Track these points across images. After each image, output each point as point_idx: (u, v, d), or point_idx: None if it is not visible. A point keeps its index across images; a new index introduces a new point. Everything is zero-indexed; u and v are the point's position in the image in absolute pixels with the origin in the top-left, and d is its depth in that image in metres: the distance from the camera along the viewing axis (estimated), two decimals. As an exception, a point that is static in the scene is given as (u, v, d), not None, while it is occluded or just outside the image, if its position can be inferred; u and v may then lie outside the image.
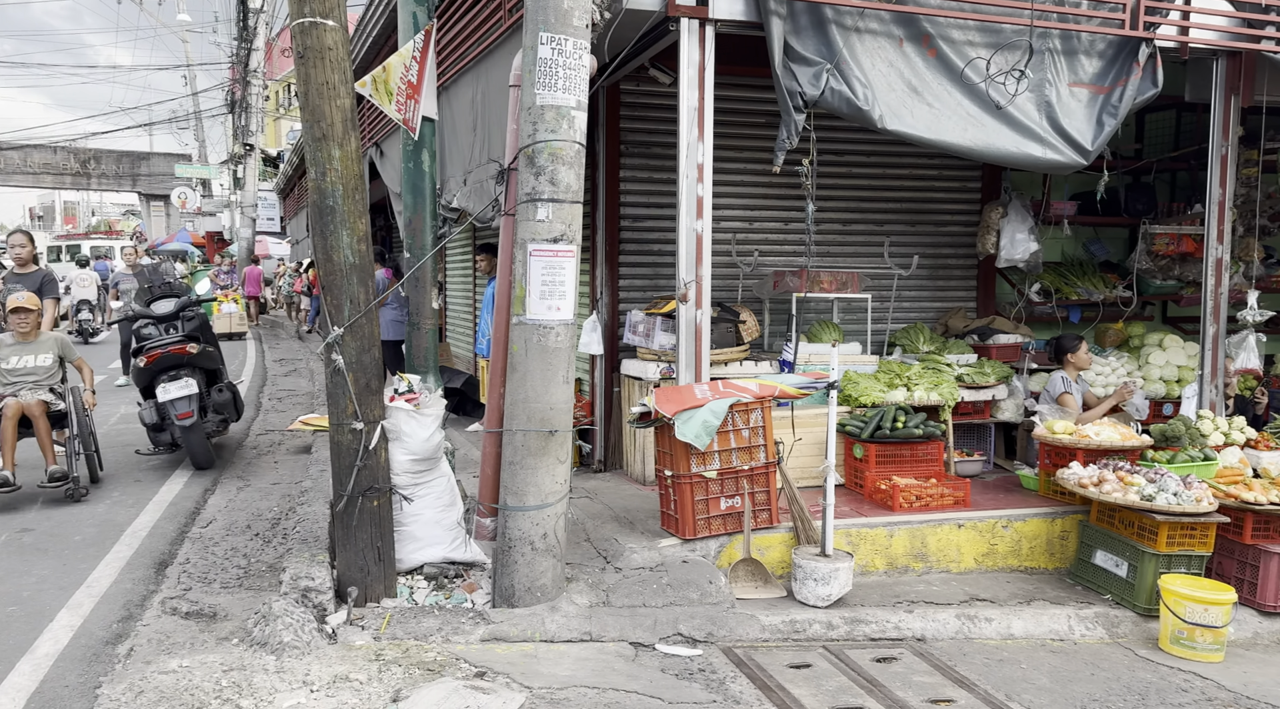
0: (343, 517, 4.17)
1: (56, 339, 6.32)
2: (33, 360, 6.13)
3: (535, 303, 4.10)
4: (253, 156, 24.24)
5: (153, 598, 4.21)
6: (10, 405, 5.80)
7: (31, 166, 42.51)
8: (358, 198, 4.14)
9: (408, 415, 4.35)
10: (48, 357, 6.18)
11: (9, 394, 5.95)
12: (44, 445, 5.86)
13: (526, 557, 4.15)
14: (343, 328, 4.10)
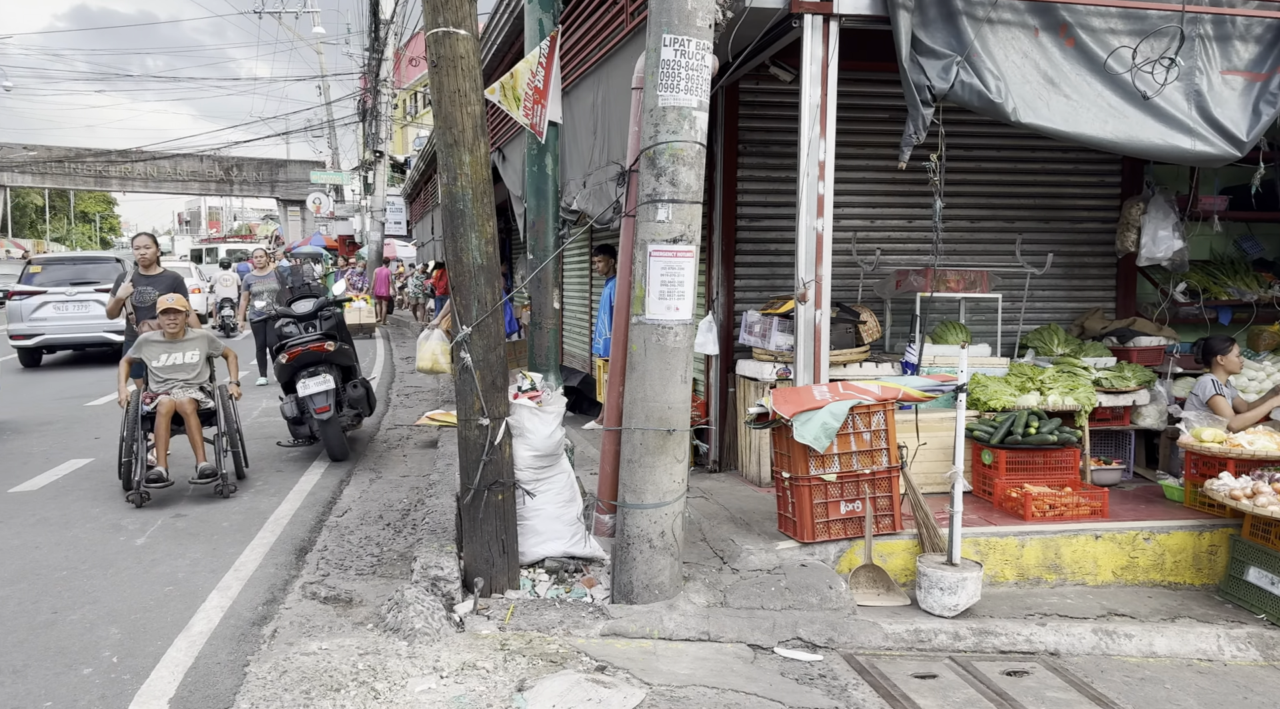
0: (469, 509, 4.31)
1: (203, 337, 6.51)
2: (181, 358, 6.32)
3: (654, 303, 4.14)
4: (382, 163, 25.30)
5: (294, 582, 4.45)
6: (164, 403, 6.00)
7: (181, 174, 45.65)
8: (486, 201, 4.27)
9: (531, 412, 4.46)
10: (195, 354, 6.37)
11: (161, 392, 6.16)
12: (195, 442, 6.06)
13: (644, 554, 4.19)
14: (470, 327, 4.24)
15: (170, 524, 5.45)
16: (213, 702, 3.21)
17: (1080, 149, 6.30)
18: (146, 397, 6.06)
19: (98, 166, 44.42)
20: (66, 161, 43.47)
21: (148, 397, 6.07)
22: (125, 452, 5.85)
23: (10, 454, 7.48)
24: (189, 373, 6.33)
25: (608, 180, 6.36)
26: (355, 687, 3.30)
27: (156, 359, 6.29)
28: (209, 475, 5.95)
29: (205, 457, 6.06)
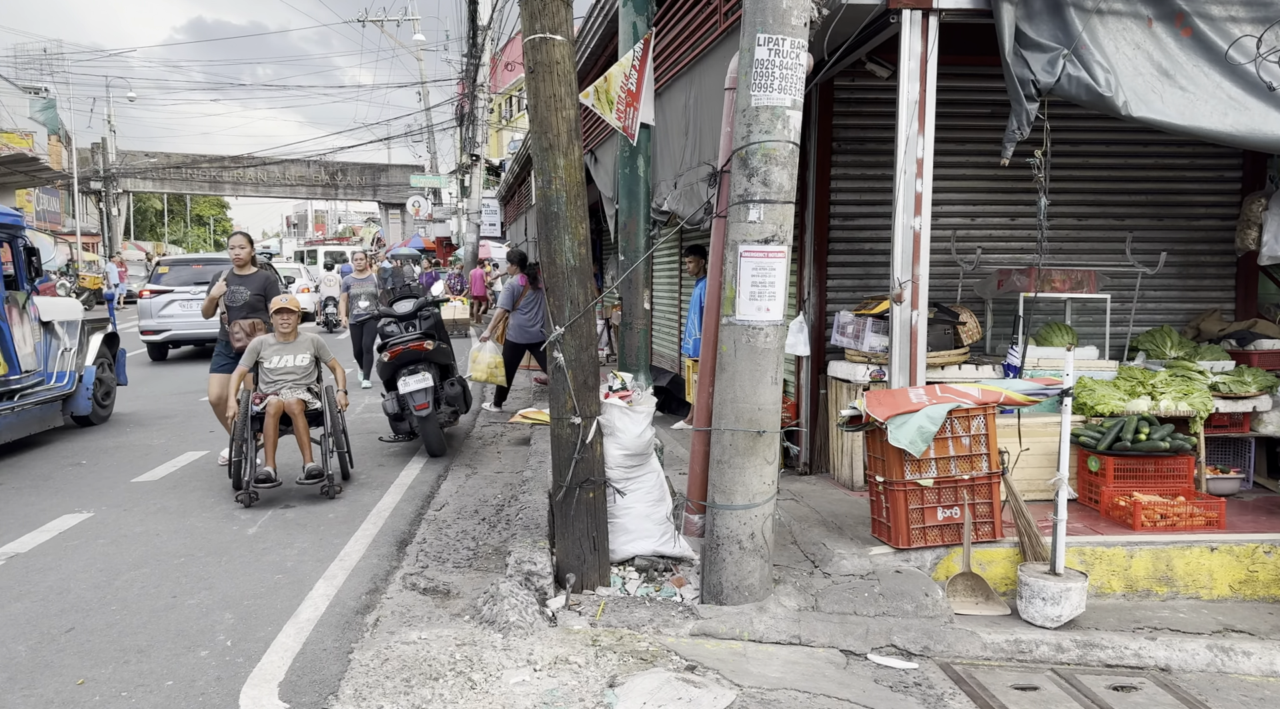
0: (561, 506, 4.38)
1: (313, 340, 6.52)
2: (292, 360, 6.33)
3: (745, 303, 4.12)
4: (478, 166, 25.88)
5: (394, 573, 4.60)
6: (272, 404, 6.05)
7: (289, 179, 47.64)
8: (579, 204, 4.33)
9: (621, 412, 4.50)
10: (305, 356, 6.39)
11: (270, 393, 6.21)
12: (302, 443, 6.13)
13: (734, 556, 4.18)
14: (563, 327, 4.30)
15: (280, 515, 5.70)
16: (319, 687, 3.36)
17: (1196, 143, 5.99)
18: (256, 397, 6.13)
19: (212, 172, 46.75)
20: (184, 167, 45.88)
21: (257, 397, 6.14)
22: (235, 451, 5.96)
23: (133, 446, 7.95)
24: (298, 374, 6.35)
25: (699, 181, 6.36)
26: (453, 676, 3.39)
27: (268, 360, 6.33)
28: (315, 476, 5.98)
29: (312, 457, 6.11)
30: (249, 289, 6.93)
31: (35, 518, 5.60)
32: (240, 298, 6.91)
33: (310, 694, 3.29)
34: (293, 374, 6.34)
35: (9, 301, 7.69)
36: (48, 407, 8.13)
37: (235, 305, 6.93)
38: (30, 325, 8.02)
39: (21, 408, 7.61)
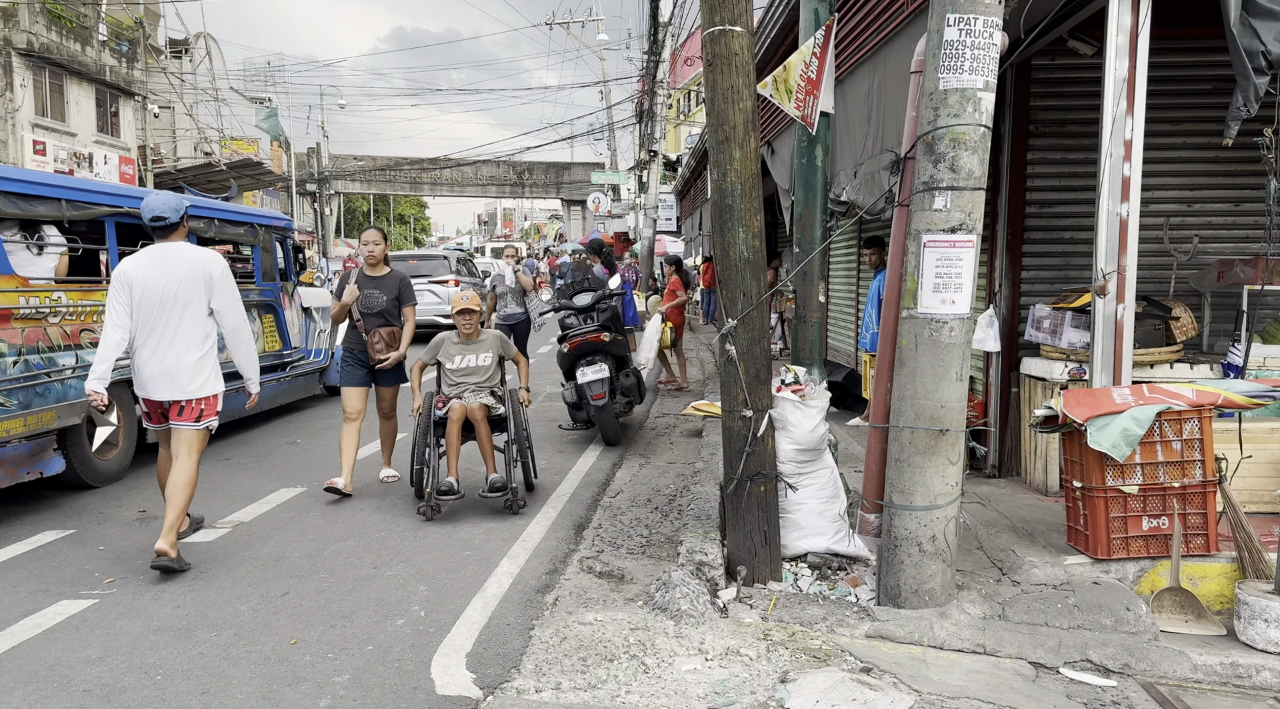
0: (732, 498, 4.38)
1: (497, 338, 6.08)
2: (475, 360, 5.93)
3: (928, 296, 3.96)
4: (655, 162, 26.23)
5: (572, 556, 4.76)
6: (455, 409, 5.62)
7: (480, 179, 50.15)
8: (754, 196, 4.31)
9: (794, 406, 4.44)
10: (488, 356, 5.97)
11: (453, 396, 5.83)
12: (485, 451, 5.66)
13: (913, 558, 4.03)
14: (736, 320, 4.30)
15: (471, 495, 6.03)
16: (503, 660, 3.53)
17: None
18: (439, 401, 5.77)
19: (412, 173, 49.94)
20: (387, 169, 49.27)
21: (439, 401, 5.77)
22: (417, 458, 5.59)
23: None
24: (481, 375, 5.94)
25: (880, 169, 6.17)
26: (626, 659, 3.47)
27: (451, 360, 5.93)
28: (499, 489, 5.54)
29: (495, 467, 5.67)
30: (384, 293, 6.10)
31: (257, 491, 6.20)
32: (376, 303, 6.07)
33: (494, 667, 3.46)
34: (475, 375, 5.94)
35: (281, 291, 9.15)
36: (309, 377, 9.75)
37: (371, 311, 6.07)
38: (295, 310, 9.44)
39: (291, 377, 9.22)
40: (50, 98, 21.75)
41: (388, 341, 6.09)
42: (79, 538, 5.16)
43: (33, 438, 5.62)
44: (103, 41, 23.43)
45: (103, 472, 6.38)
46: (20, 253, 6.01)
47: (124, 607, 4.07)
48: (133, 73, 25.02)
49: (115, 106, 24.58)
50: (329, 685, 3.31)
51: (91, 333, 6.23)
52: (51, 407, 5.75)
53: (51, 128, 21.61)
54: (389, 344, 6.10)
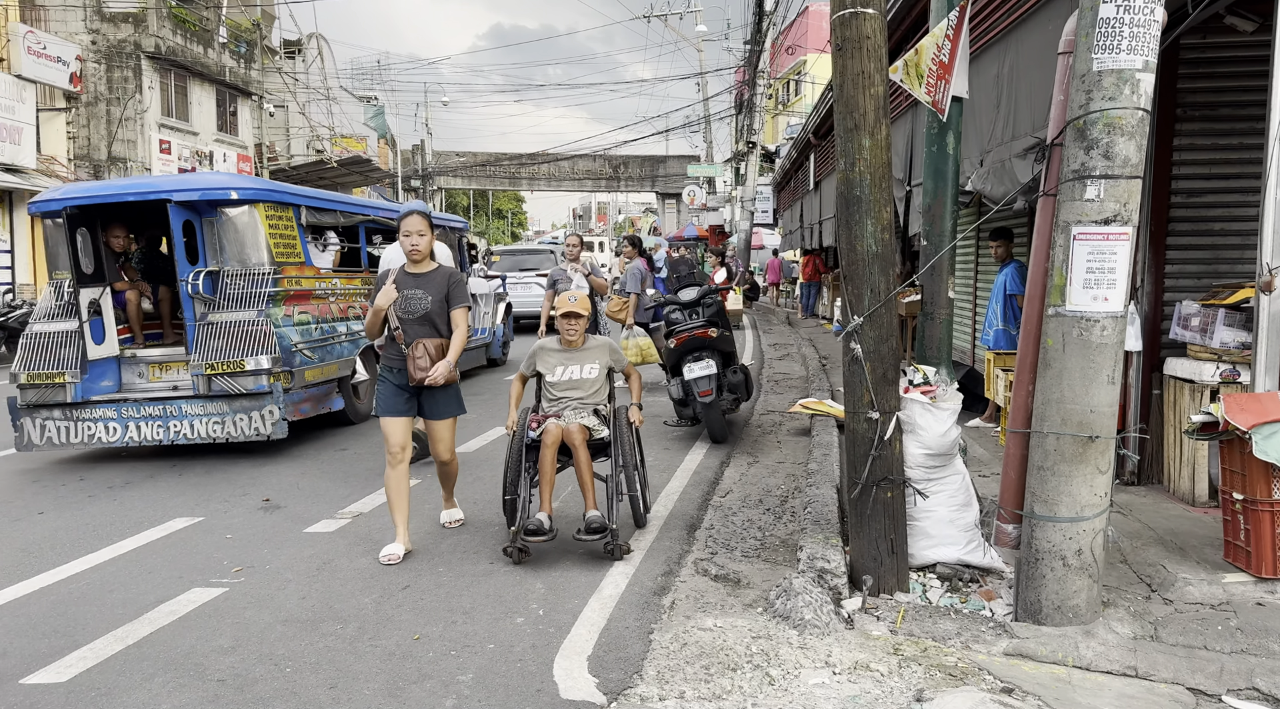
0: (855, 504, 4.20)
1: (606, 346, 5.23)
2: (579, 372, 5.08)
3: (1077, 292, 3.69)
4: (753, 154, 25.92)
5: (686, 558, 4.66)
6: (550, 432, 4.72)
7: (576, 173, 50.59)
8: (884, 187, 4.10)
9: (923, 408, 4.23)
10: (595, 368, 5.10)
11: (552, 413, 4.99)
12: (583, 484, 4.74)
13: (1056, 573, 3.78)
14: (862, 317, 4.11)
15: (578, 494, 5.99)
16: (624, 664, 3.45)
17: None
18: (533, 420, 4.93)
19: (511, 169, 50.75)
20: (487, 165, 50.20)
21: (534, 420, 4.93)
22: (508, 486, 4.79)
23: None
24: (586, 390, 5.08)
25: (1011, 158, 5.86)
26: (750, 669, 3.35)
27: (552, 372, 5.09)
28: (598, 531, 4.55)
29: (595, 502, 4.74)
30: (429, 293, 4.78)
31: (374, 482, 6.30)
32: (419, 306, 4.77)
33: (616, 671, 3.39)
34: (578, 390, 5.07)
35: None
36: (479, 351, 11.71)
37: (412, 317, 4.75)
38: None
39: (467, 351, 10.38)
40: (175, 99, 22.87)
41: (433, 355, 4.68)
42: (207, 526, 5.34)
43: (326, 383, 7.88)
44: (223, 43, 24.51)
45: (361, 413, 8.64)
46: (312, 249, 8.28)
47: (252, 596, 4.16)
48: (249, 73, 26.10)
49: (234, 106, 25.68)
50: (453, 684, 3.29)
51: (354, 308, 8.62)
52: (334, 361, 8.01)
53: (176, 127, 22.73)
54: (434, 359, 4.68)
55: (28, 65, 17.80)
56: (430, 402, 4.86)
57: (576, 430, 4.79)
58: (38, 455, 7.47)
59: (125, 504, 5.86)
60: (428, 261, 4.89)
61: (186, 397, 7.00)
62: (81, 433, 7.06)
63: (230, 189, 7.34)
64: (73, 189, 7.70)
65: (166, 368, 7.64)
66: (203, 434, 6.96)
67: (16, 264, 17.94)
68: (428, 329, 4.77)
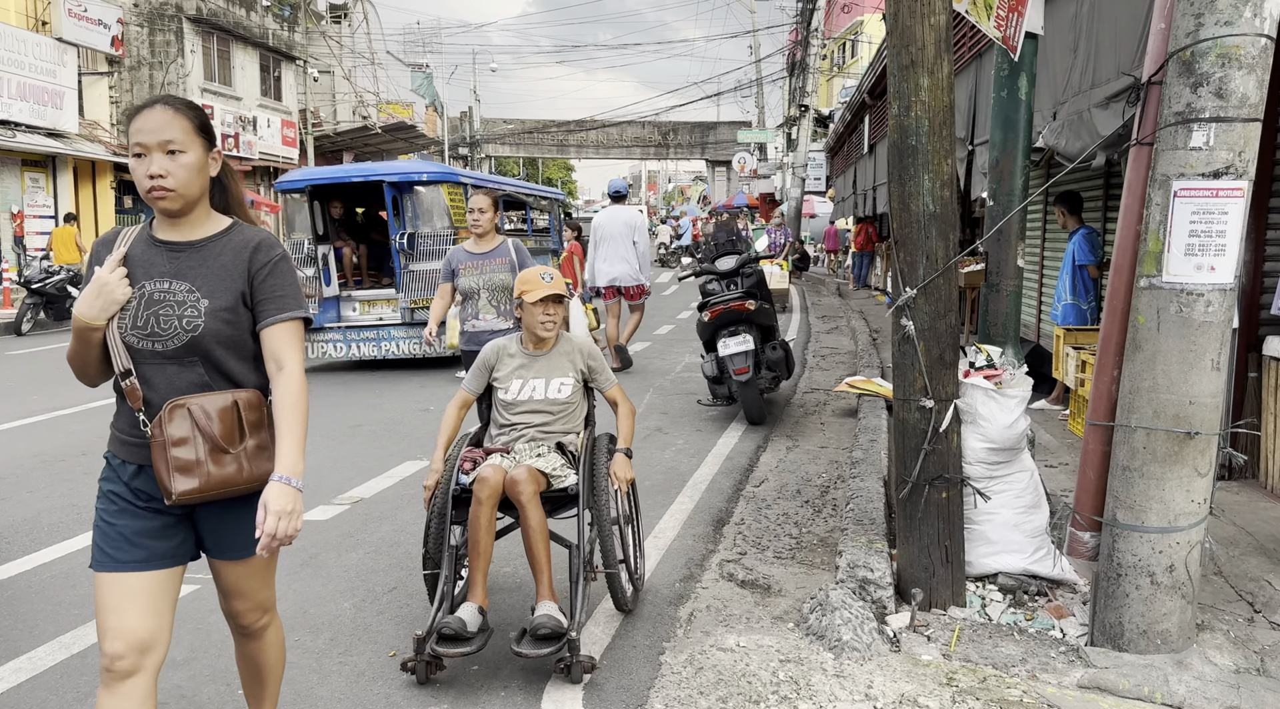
0: (905, 505, 3.64)
1: (583, 349, 3.67)
2: (542, 386, 3.54)
3: (1177, 260, 3.07)
4: (806, 117, 24.98)
5: (710, 559, 4.16)
6: (487, 479, 3.14)
7: (625, 140, 49.84)
8: (944, 135, 3.50)
9: (986, 395, 3.64)
10: (565, 382, 3.56)
11: (498, 448, 3.44)
12: (534, 560, 3.16)
13: (1142, 592, 3.19)
14: (915, 288, 3.53)
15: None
16: (626, 695, 2.96)
17: None
18: (466, 458, 3.37)
19: (559, 136, 50.19)
20: (535, 132, 49.70)
21: (468, 458, 3.37)
22: (428, 558, 3.25)
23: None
24: (552, 413, 3.53)
25: (1090, 108, 5.17)
26: (775, 701, 2.85)
27: (506, 384, 3.56)
28: (549, 637, 2.98)
29: (550, 588, 3.15)
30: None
31: (383, 463, 5.90)
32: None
33: (616, 702, 2.91)
34: (544, 414, 3.53)
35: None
36: None
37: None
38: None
39: None
40: (217, 63, 22.71)
41: None
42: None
43: None
44: (265, 6, 24.24)
45: None
46: None
47: (225, 594, 3.76)
48: (293, 37, 25.85)
49: (278, 71, 25.48)
50: (425, 715, 2.84)
51: None
52: None
53: (218, 92, 22.58)
54: None
55: (68, 28, 17.69)
56: None
57: (526, 478, 3.17)
58: None
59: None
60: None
61: (395, 324, 9.57)
62: (316, 350, 9.68)
63: (422, 173, 10.06)
64: (309, 172, 10.72)
65: (373, 304, 10.09)
66: (406, 352, 9.54)
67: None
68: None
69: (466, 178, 10.72)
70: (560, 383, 3.58)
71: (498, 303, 5.19)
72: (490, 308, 5.20)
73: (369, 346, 9.60)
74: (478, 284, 5.19)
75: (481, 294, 5.19)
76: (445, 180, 10.02)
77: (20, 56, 16.54)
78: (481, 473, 3.22)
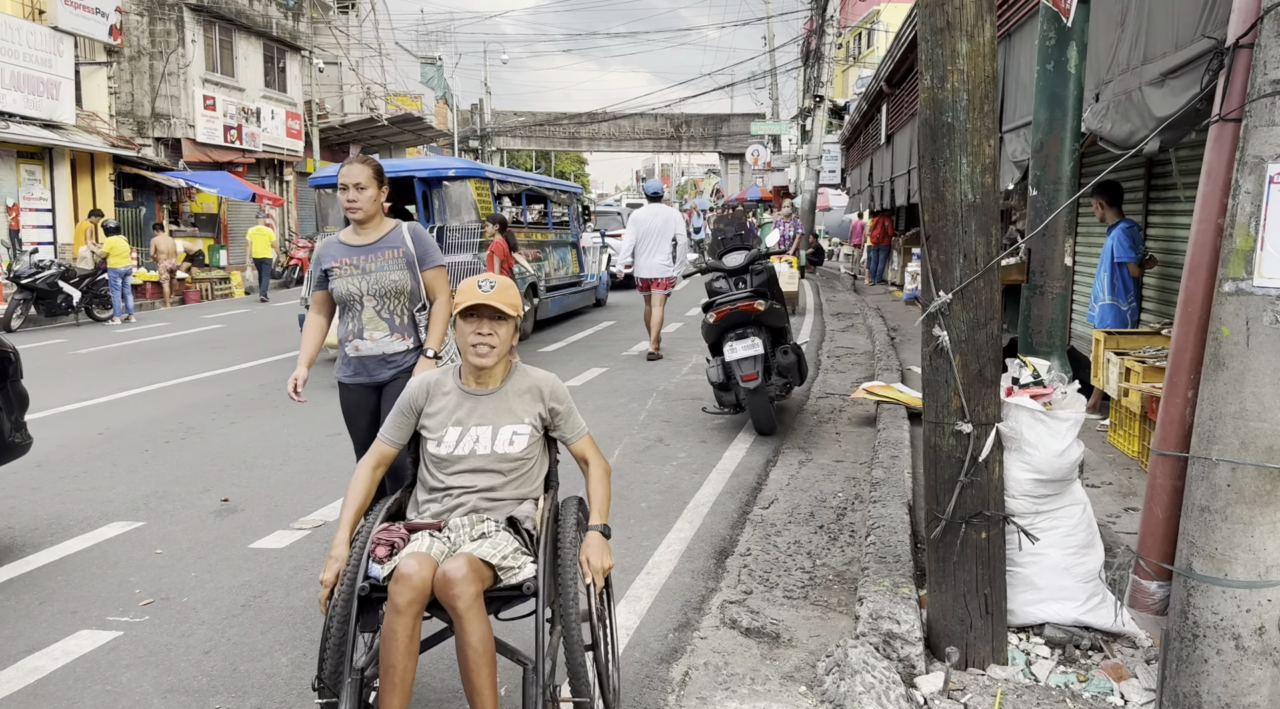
0: (937, 546, 3.11)
1: (540, 384, 2.74)
2: (488, 437, 2.66)
3: (1272, 260, 2.53)
4: (821, 108, 24.35)
5: (711, 599, 3.64)
6: (408, 583, 2.27)
7: (637, 133, 49.26)
8: (986, 110, 2.96)
9: (1034, 418, 3.11)
10: (519, 431, 2.67)
11: (424, 525, 2.55)
12: (471, 688, 2.31)
13: (1224, 657, 2.66)
14: (950, 292, 3.00)
15: (589, 496, 5.01)
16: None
17: None
18: (379, 540, 2.45)
19: (571, 129, 49.65)
20: (546, 125, 49.17)
21: (380, 541, 2.45)
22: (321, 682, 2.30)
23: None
24: (500, 472, 2.66)
25: (1141, 86, 4.61)
26: (780, 798, 2.33)
27: (440, 435, 2.67)
28: None
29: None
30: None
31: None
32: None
33: (585, 799, 2.39)
34: (490, 473, 2.65)
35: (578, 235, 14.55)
36: (588, 293, 14.66)
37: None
38: (578, 249, 14.54)
39: (581, 291, 14.22)
40: (219, 53, 22.28)
41: None
42: (142, 535, 4.49)
43: None
44: (269, -4, 23.81)
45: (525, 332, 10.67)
46: None
47: (145, 647, 3.26)
48: (298, 27, 25.41)
49: (282, 61, 25.05)
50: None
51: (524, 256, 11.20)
52: None
53: (220, 83, 22.15)
54: None
55: (65, 17, 17.27)
56: None
57: (464, 576, 2.27)
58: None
59: (67, 501, 5.05)
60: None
61: None
62: None
63: (450, 169, 10.38)
64: None
65: None
66: None
67: (57, 222, 17.58)
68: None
69: (493, 173, 11.13)
70: (513, 432, 2.65)
71: (391, 314, 3.55)
72: (380, 321, 3.54)
73: None
74: (359, 288, 3.52)
75: (365, 302, 3.52)
76: (473, 175, 10.37)
77: (14, 45, 16.13)
78: (402, 567, 2.27)
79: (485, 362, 2.63)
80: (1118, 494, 4.67)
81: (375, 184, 3.56)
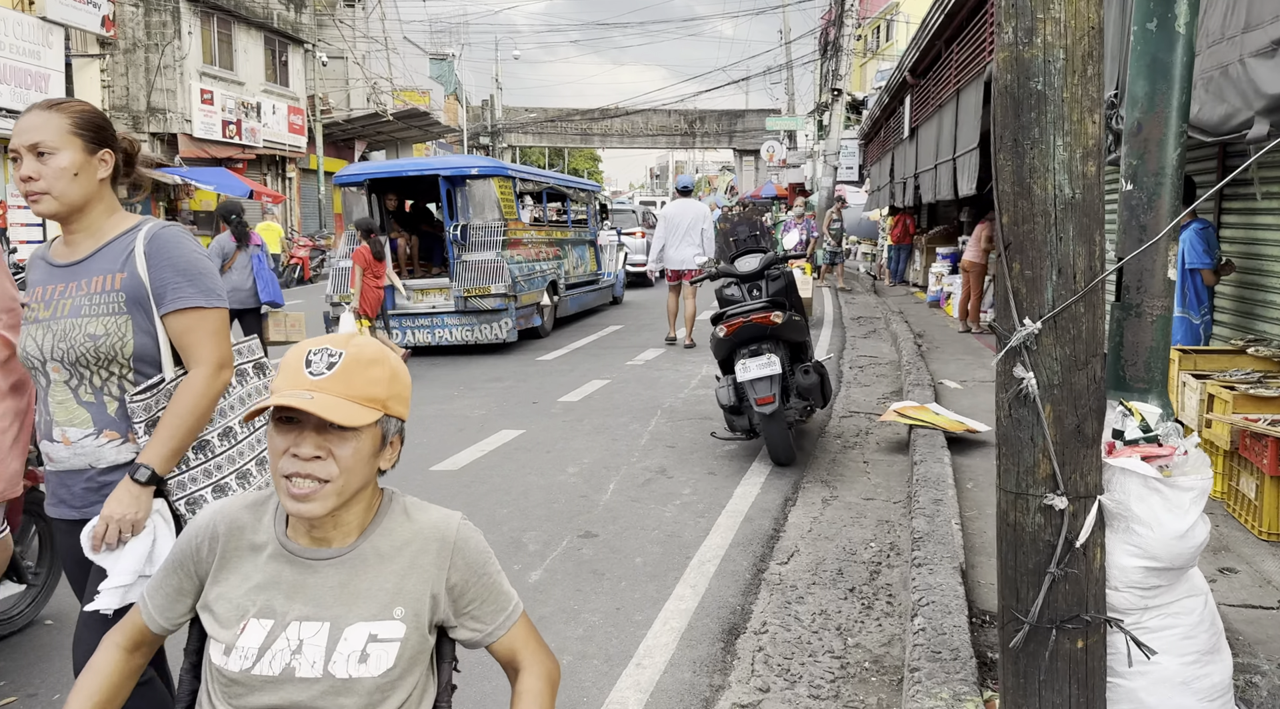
0: (1018, 658, 2.34)
1: (430, 545, 1.51)
2: (321, 646, 1.41)
3: None
4: (839, 103, 23.51)
5: (717, 703, 2.87)
6: None
7: (650, 129, 48.48)
8: (1090, 74, 2.20)
9: (1147, 487, 2.33)
10: (382, 632, 1.43)
11: None
12: None
13: None
14: (1040, 321, 2.23)
15: (575, 549, 4.25)
16: None
17: None
18: None
19: (583, 125, 48.91)
20: (558, 121, 48.44)
21: None
22: None
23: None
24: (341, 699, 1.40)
25: (1244, 57, 3.83)
26: None
27: (230, 633, 1.43)
28: None
29: None
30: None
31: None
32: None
33: None
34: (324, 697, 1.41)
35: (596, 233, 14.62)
36: (606, 291, 14.73)
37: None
38: (596, 247, 14.55)
39: (599, 290, 14.27)
40: (218, 46, 21.65)
41: None
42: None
43: (531, 305, 10.70)
44: (270, -13, 23.19)
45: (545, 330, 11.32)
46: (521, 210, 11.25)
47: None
48: (301, 20, 24.75)
49: (284, 55, 24.42)
50: None
51: (544, 255, 11.51)
52: (535, 290, 10.83)
53: (219, 77, 21.53)
54: None
55: (54, 7, 16.65)
56: None
57: None
58: None
59: None
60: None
61: (448, 311, 9.99)
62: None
63: (473, 167, 10.56)
64: (368, 167, 11.30)
65: (426, 293, 10.25)
66: (459, 338, 10.02)
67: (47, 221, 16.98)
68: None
69: (515, 172, 11.32)
70: (369, 634, 1.44)
71: (96, 394, 2.02)
72: (77, 408, 2.02)
73: (423, 333, 10.10)
74: (37, 347, 2.00)
75: (50, 373, 2.02)
76: (495, 174, 10.59)
77: (1, 36, 15.53)
78: None
79: (306, 509, 1.40)
80: (1205, 550, 3.88)
81: (78, 144, 1.97)
